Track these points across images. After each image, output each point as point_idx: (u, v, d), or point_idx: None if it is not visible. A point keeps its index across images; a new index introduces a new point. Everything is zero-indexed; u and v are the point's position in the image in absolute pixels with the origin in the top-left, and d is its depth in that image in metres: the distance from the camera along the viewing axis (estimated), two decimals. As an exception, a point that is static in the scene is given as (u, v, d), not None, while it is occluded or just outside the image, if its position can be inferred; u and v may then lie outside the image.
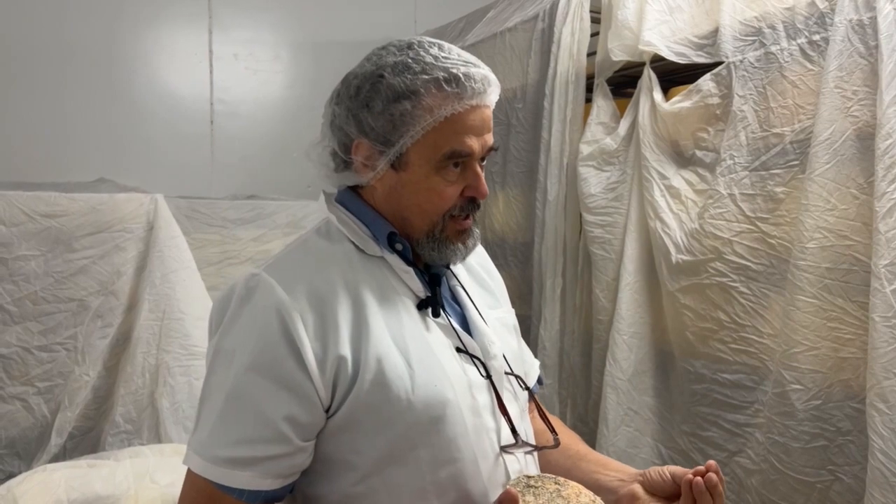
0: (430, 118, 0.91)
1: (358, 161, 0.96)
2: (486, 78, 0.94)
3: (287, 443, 0.85)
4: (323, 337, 0.87)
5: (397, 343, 0.90)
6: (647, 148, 1.77)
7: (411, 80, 0.92)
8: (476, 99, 0.93)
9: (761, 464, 1.51)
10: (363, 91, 0.94)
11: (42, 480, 1.73)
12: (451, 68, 0.92)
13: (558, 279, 2.06)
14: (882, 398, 1.26)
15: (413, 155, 0.93)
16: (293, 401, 0.85)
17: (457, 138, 0.93)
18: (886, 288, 1.26)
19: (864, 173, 1.35)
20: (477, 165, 0.96)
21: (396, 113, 0.92)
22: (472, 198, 0.97)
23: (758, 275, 1.55)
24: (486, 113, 0.96)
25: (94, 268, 2.19)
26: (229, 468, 0.84)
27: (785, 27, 1.51)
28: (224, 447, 0.85)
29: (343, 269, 0.94)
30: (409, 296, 0.96)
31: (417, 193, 0.95)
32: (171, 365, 2.18)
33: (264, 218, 2.63)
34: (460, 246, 0.98)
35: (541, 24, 2.16)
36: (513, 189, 2.29)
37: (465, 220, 0.98)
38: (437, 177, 0.94)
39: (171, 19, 2.91)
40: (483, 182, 0.97)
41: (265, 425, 0.85)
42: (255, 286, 0.89)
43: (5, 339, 2.10)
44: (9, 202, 2.10)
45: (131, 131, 2.82)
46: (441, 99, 0.91)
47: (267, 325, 0.86)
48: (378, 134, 0.93)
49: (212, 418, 0.87)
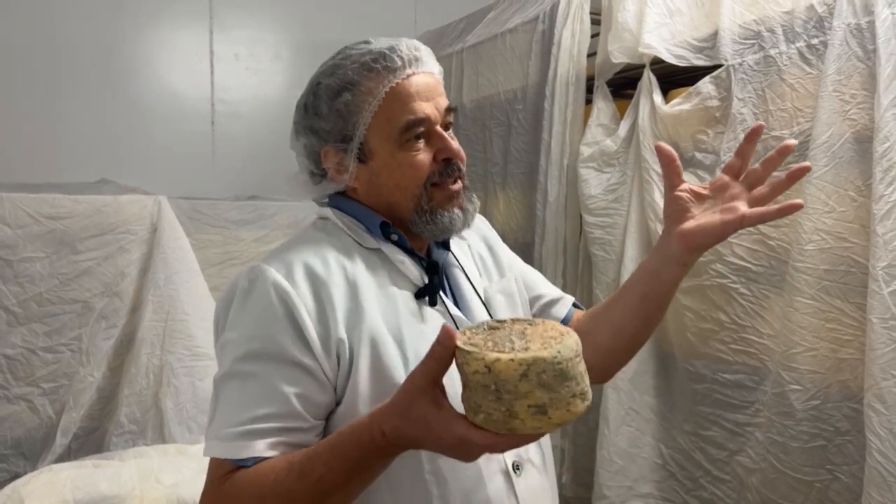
0: (372, 100, 0.94)
1: (330, 168, 0.99)
2: (414, 45, 0.97)
3: (301, 418, 0.87)
4: (324, 320, 0.89)
5: (392, 333, 0.92)
6: (647, 150, 1.78)
7: (343, 73, 0.96)
8: (410, 68, 0.96)
9: (761, 463, 1.53)
10: (309, 103, 0.99)
11: (48, 481, 1.75)
12: (375, 49, 0.96)
13: (559, 280, 2.07)
14: (879, 398, 1.27)
15: (373, 141, 0.96)
16: (304, 379, 0.87)
17: (405, 108, 0.94)
18: (884, 290, 1.28)
19: (861, 176, 1.36)
20: (440, 130, 0.97)
21: (341, 106, 0.95)
22: (447, 160, 0.97)
23: (758, 276, 1.56)
24: (429, 79, 0.97)
25: (99, 269, 2.20)
26: (244, 440, 0.85)
27: (784, 31, 1.52)
28: (238, 425, 0.85)
29: (341, 257, 0.96)
30: (407, 285, 0.97)
31: (392, 175, 0.96)
32: (175, 366, 2.19)
33: (266, 219, 2.65)
34: (457, 212, 0.98)
35: (541, 25, 2.17)
36: (513, 190, 2.30)
37: (453, 185, 0.98)
38: (403, 152, 0.96)
39: (172, 19, 2.91)
40: (451, 142, 0.97)
41: (280, 402, 0.86)
42: (256, 277, 0.91)
43: (11, 340, 2.12)
44: (14, 204, 2.11)
45: (132, 131, 2.83)
46: (376, 79, 0.94)
47: (271, 313, 0.88)
48: (334, 133, 0.97)
49: (226, 405, 0.88)
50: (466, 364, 0.69)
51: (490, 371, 0.66)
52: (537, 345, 0.68)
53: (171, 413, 2.15)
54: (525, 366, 0.66)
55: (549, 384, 0.66)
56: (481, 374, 0.67)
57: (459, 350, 0.71)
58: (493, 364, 0.66)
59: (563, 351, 0.67)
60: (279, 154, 2.90)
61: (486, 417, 0.68)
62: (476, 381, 0.68)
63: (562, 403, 0.67)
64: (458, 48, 2.57)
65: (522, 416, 0.67)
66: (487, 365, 0.66)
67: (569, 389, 0.68)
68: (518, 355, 0.66)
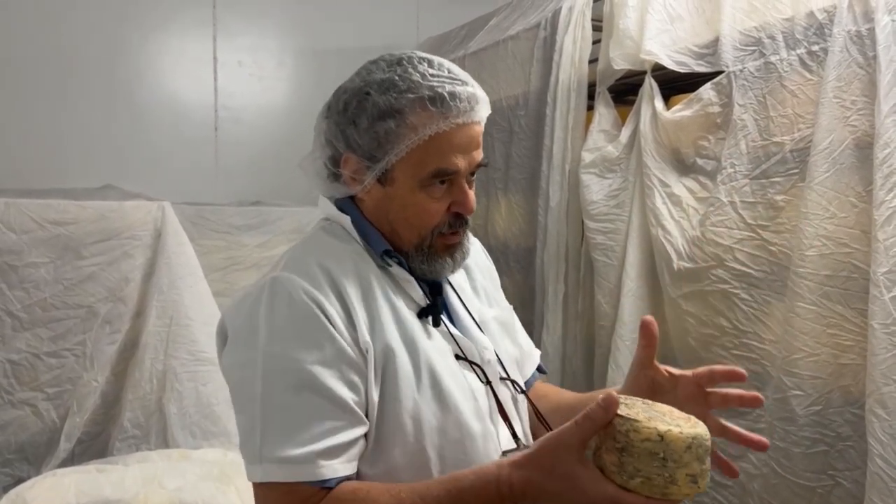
0: (414, 137, 0.92)
1: (346, 174, 0.98)
2: (474, 96, 0.94)
3: (362, 423, 0.88)
4: (352, 324, 0.90)
5: (405, 342, 0.92)
6: (649, 156, 1.79)
7: (396, 98, 0.92)
8: (462, 118, 0.93)
9: (763, 468, 1.53)
10: (350, 107, 0.95)
11: (52, 485, 1.76)
12: (437, 87, 0.92)
13: (560, 285, 2.08)
14: (881, 404, 1.27)
15: (398, 172, 0.94)
16: (357, 383, 0.88)
17: (442, 157, 0.93)
18: (885, 295, 1.28)
19: (862, 182, 1.37)
20: (464, 182, 0.96)
21: (381, 131, 0.92)
22: (458, 213, 0.98)
23: (759, 282, 1.57)
24: (474, 130, 0.96)
25: (103, 274, 2.21)
26: (323, 460, 0.84)
27: (784, 37, 1.52)
28: (309, 443, 0.84)
29: (355, 262, 0.96)
30: (411, 304, 0.98)
31: (404, 209, 0.96)
32: (179, 370, 2.20)
33: (269, 224, 2.66)
34: (448, 260, 0.99)
35: (543, 32, 2.18)
36: (515, 195, 2.31)
37: (453, 236, 0.99)
38: (423, 193, 0.95)
39: (177, 27, 2.93)
40: (469, 198, 0.97)
41: (343, 410, 0.86)
42: (283, 286, 0.90)
43: (15, 345, 2.12)
44: (19, 210, 2.12)
45: (136, 137, 2.85)
46: (426, 118, 0.91)
47: (310, 319, 0.88)
48: (364, 150, 0.94)
49: (283, 421, 0.86)
50: (634, 431, 0.75)
51: (662, 440, 0.74)
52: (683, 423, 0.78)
53: (175, 418, 2.16)
54: (690, 439, 0.75)
55: (701, 457, 0.76)
56: (653, 441, 0.75)
57: (624, 418, 0.77)
58: (665, 434, 0.75)
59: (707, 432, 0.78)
60: (282, 160, 2.95)
61: (643, 482, 0.75)
62: (644, 448, 0.75)
63: (705, 473, 0.77)
64: (460, 54, 2.58)
65: (680, 483, 0.76)
66: (661, 434, 0.75)
67: (709, 462, 0.78)
68: (685, 430, 0.76)
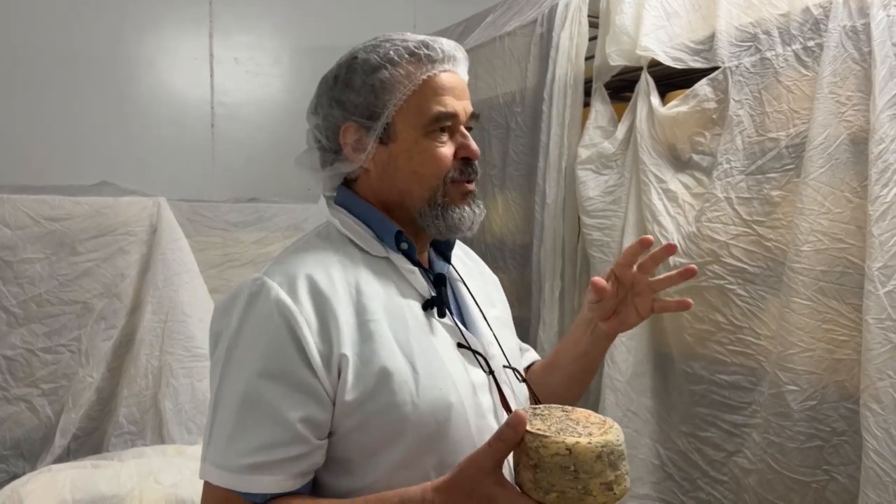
0: (408, 83, 0.96)
1: (347, 146, 0.98)
2: (454, 45, 1.00)
3: (306, 442, 0.87)
4: (326, 336, 0.88)
5: (402, 348, 0.91)
6: (645, 152, 1.79)
7: (383, 52, 0.97)
8: (448, 63, 0.98)
9: (758, 464, 1.53)
10: (341, 76, 0.99)
11: (47, 481, 1.75)
12: (419, 40, 0.98)
13: (557, 281, 2.08)
14: (875, 399, 1.27)
15: (400, 123, 0.96)
16: (307, 401, 0.87)
17: (439, 100, 0.96)
18: (880, 290, 1.28)
19: (857, 177, 1.37)
20: (464, 129, 0.99)
21: (377, 82, 0.96)
22: (466, 159, 0.99)
23: (754, 277, 1.57)
24: (462, 80, 1.00)
25: (98, 270, 2.20)
26: (252, 474, 0.85)
27: (780, 33, 1.53)
28: (244, 455, 0.85)
29: (345, 270, 0.95)
30: (415, 296, 0.97)
31: (411, 160, 0.97)
32: (174, 366, 2.20)
33: (266, 220, 2.66)
34: (467, 209, 0.99)
35: (539, 28, 2.18)
36: (512, 192, 2.31)
37: (468, 184, 0.99)
38: (427, 140, 0.96)
39: (173, 24, 2.93)
40: (473, 142, 1.00)
41: (284, 428, 0.85)
42: (258, 291, 0.90)
43: (10, 341, 2.12)
44: (14, 206, 2.11)
45: (133, 134, 2.85)
46: (416, 65, 0.96)
47: (274, 330, 0.87)
48: (363, 108, 0.97)
49: (228, 427, 0.87)
50: (543, 447, 0.76)
51: (571, 453, 0.75)
52: (595, 430, 0.79)
53: (170, 414, 2.16)
54: (600, 448, 0.76)
55: (614, 463, 0.77)
56: (561, 455, 0.75)
57: (533, 434, 0.77)
58: (573, 447, 0.75)
59: (620, 435, 0.79)
60: (278, 156, 2.96)
61: (559, 496, 0.76)
62: (554, 463, 0.75)
63: (621, 479, 0.78)
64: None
65: (595, 493, 0.76)
66: (569, 448, 0.75)
67: (624, 467, 0.78)
68: (593, 439, 0.76)
